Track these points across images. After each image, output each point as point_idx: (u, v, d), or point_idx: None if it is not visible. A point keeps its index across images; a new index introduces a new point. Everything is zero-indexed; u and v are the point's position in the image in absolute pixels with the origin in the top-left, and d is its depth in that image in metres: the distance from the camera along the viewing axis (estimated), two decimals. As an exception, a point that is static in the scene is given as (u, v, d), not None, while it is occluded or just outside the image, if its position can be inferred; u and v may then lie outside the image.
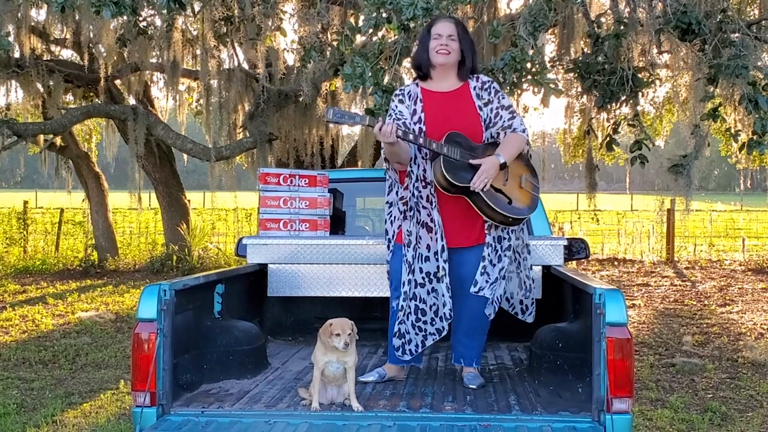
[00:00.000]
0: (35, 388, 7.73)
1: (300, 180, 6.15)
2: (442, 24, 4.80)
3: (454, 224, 4.70)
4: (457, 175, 4.49)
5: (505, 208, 4.59)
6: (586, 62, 9.16)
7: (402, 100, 4.81)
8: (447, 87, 4.80)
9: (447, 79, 4.80)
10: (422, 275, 4.67)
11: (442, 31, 4.75)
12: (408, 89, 4.86)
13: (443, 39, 4.73)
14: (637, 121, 9.68)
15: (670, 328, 10.84)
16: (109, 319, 11.36)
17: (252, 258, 5.83)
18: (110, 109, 15.05)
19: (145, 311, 3.92)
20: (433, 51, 4.74)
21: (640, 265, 18.65)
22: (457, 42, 4.75)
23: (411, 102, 4.78)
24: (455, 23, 4.84)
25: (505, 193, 4.62)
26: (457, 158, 4.51)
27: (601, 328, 3.72)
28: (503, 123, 4.73)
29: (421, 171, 4.67)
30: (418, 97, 4.78)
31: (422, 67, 4.84)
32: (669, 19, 7.92)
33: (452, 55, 4.74)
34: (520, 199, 4.69)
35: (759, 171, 20.05)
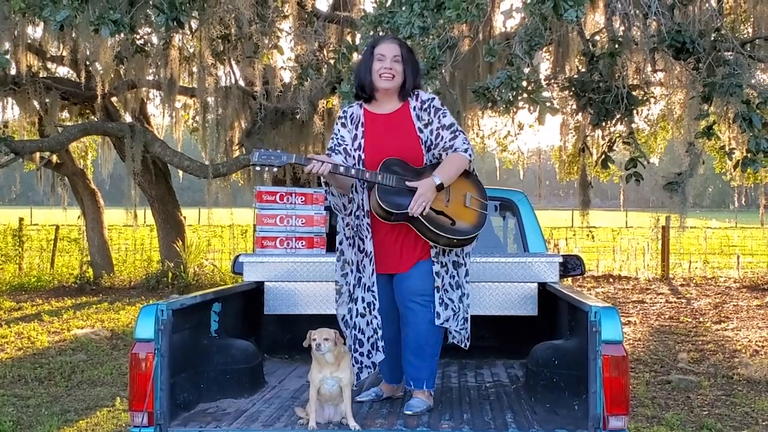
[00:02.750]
0: (31, 405, 7.71)
1: (296, 198, 6.17)
2: (387, 45, 4.65)
3: (394, 249, 4.61)
4: (394, 203, 4.37)
5: (448, 230, 4.43)
6: (581, 80, 9.21)
7: (344, 123, 4.70)
8: (389, 109, 4.67)
9: (390, 101, 4.68)
10: (363, 305, 4.62)
11: (387, 53, 4.60)
12: (351, 111, 4.74)
13: (387, 61, 4.58)
14: (632, 139, 9.71)
15: (665, 345, 10.84)
16: (105, 336, 11.33)
17: (249, 276, 5.83)
18: (107, 126, 15.07)
19: (142, 331, 3.92)
20: (377, 74, 4.59)
21: (635, 282, 18.66)
22: (401, 64, 4.60)
23: (353, 126, 4.68)
24: (399, 44, 4.69)
25: (447, 214, 4.46)
26: (392, 185, 4.39)
27: (596, 346, 3.73)
28: (444, 144, 4.56)
29: (360, 199, 4.59)
30: (360, 120, 4.68)
31: (365, 89, 4.68)
32: (663, 38, 7.96)
33: (396, 79, 4.60)
34: (464, 218, 4.51)
35: (753, 188, 20.11)
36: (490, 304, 5.68)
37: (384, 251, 4.62)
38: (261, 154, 4.41)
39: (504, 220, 7.23)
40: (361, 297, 4.63)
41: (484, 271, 5.66)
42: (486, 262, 5.68)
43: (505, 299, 5.66)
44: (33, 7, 7.95)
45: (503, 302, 5.66)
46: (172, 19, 7.66)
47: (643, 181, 9.44)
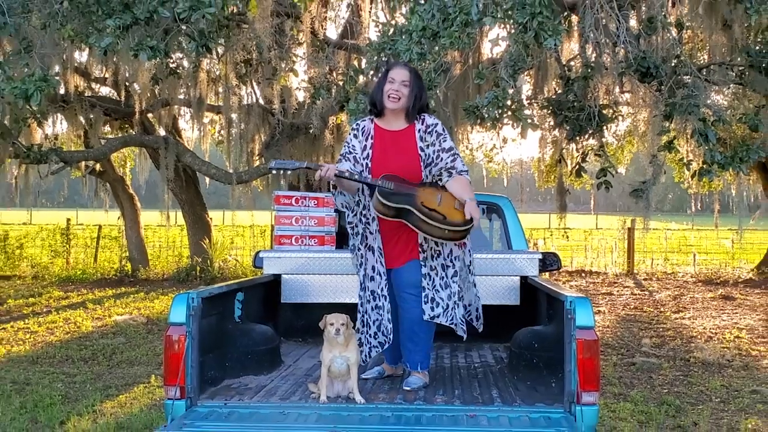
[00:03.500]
0: (77, 381, 7.72)
1: (309, 201, 6.17)
2: (398, 70, 4.64)
3: (389, 246, 4.62)
4: (392, 199, 4.38)
5: (441, 221, 4.38)
6: (558, 100, 9.23)
7: (356, 135, 4.70)
8: (396, 126, 4.66)
9: (397, 119, 4.67)
10: (369, 292, 4.64)
11: (397, 77, 4.59)
12: (363, 125, 4.74)
13: (396, 84, 4.58)
14: (602, 152, 9.73)
15: (630, 332, 10.84)
16: (141, 321, 11.34)
17: (268, 269, 5.83)
18: (144, 139, 15.11)
19: (175, 316, 3.93)
20: (386, 94, 4.59)
21: (604, 277, 18.65)
22: (408, 88, 4.59)
23: (363, 138, 4.67)
24: (410, 70, 4.68)
25: (438, 211, 4.42)
26: (391, 188, 4.41)
27: (571, 331, 3.73)
28: (445, 164, 4.55)
29: (366, 200, 4.60)
30: (370, 133, 4.68)
31: (376, 104, 4.69)
32: (630, 63, 7.98)
33: (402, 101, 4.58)
34: (454, 216, 4.44)
35: (708, 195, 20.10)
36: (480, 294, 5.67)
37: (383, 248, 4.63)
38: (277, 162, 4.53)
39: (490, 221, 7.23)
40: (367, 286, 4.65)
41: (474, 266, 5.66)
42: (475, 258, 5.68)
43: (491, 290, 5.66)
44: (80, 34, 7.96)
45: (490, 293, 5.66)
46: (202, 45, 7.68)
47: (611, 188, 9.47)
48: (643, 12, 9.04)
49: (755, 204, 20.96)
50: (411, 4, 7.33)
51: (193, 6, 7.04)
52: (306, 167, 4.54)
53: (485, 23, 6.69)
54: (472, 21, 6.64)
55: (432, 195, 4.45)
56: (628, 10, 8.39)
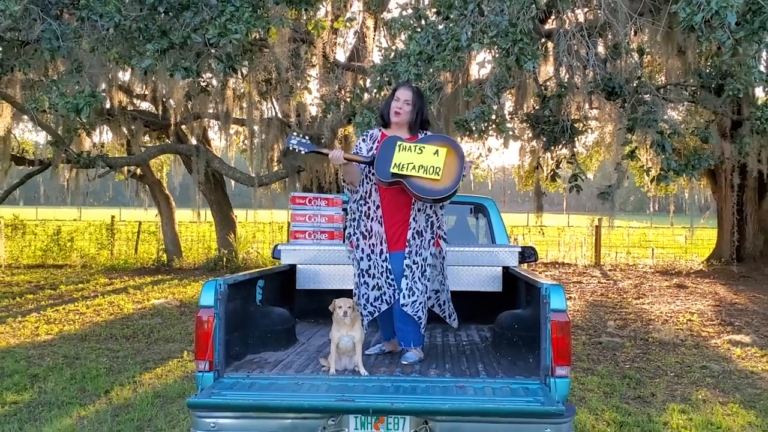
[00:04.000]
0: (120, 356, 7.72)
1: (321, 201, 6.16)
2: (402, 90, 4.69)
3: (387, 233, 4.60)
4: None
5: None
6: (536, 115, 9.22)
7: (365, 140, 4.75)
8: (401, 135, 4.67)
9: (401, 130, 4.69)
10: (359, 271, 4.65)
11: (401, 96, 4.64)
12: (371, 132, 4.79)
13: (400, 102, 4.63)
14: (574, 160, 9.71)
15: (597, 315, 10.83)
16: (176, 305, 11.34)
17: (285, 260, 5.83)
18: (179, 147, 15.10)
19: (205, 300, 3.92)
20: (392, 110, 4.65)
21: (574, 268, 18.64)
22: (410, 106, 4.63)
23: (371, 142, 4.71)
24: (413, 91, 4.70)
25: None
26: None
27: (546, 314, 3.73)
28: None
29: (364, 191, 4.63)
30: (377, 139, 4.71)
31: (384, 117, 4.77)
32: (598, 83, 7.98)
33: (403, 117, 4.63)
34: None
35: (664, 197, 20.10)
36: (466, 282, 5.68)
37: (376, 233, 4.61)
38: (295, 139, 4.52)
39: (477, 219, 7.23)
40: (360, 266, 4.65)
41: (461, 257, 5.67)
42: (463, 250, 5.69)
43: (477, 279, 5.66)
44: (124, 57, 7.96)
45: (476, 281, 5.66)
46: (229, 67, 7.68)
47: (581, 191, 9.45)
48: (609, 39, 9.03)
49: (705, 205, 20.97)
50: (409, 32, 7.32)
51: (221, 33, 7.04)
52: (318, 151, 4.59)
53: (473, 48, 6.69)
54: (462, 46, 6.64)
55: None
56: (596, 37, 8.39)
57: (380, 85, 7.19)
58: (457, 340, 5.25)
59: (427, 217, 4.66)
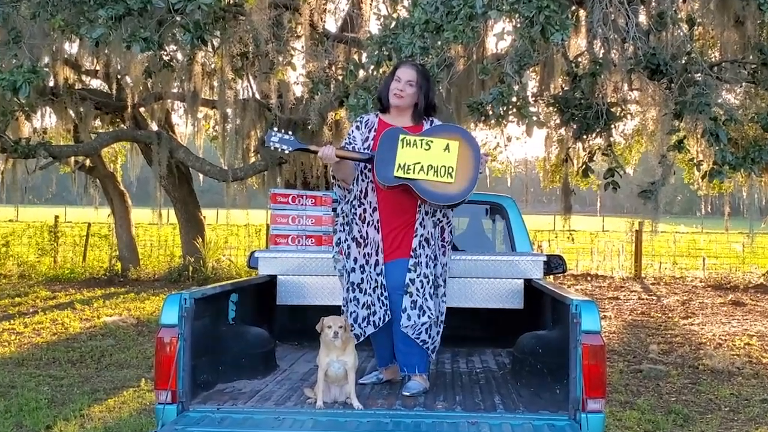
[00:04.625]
0: (64, 384, 7.72)
1: (307, 200, 6.17)
2: (405, 69, 4.71)
3: (385, 240, 4.61)
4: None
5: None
6: (565, 98, 9.21)
7: (359, 127, 4.78)
8: (401, 123, 4.70)
9: (402, 117, 4.72)
10: (348, 284, 4.67)
11: (403, 76, 4.66)
12: (367, 118, 4.83)
13: (401, 83, 4.64)
14: (610, 151, 9.71)
15: (637, 338, 10.84)
16: (131, 323, 11.34)
17: (263, 270, 5.84)
18: (137, 134, 15.09)
19: (167, 317, 3.93)
20: (391, 92, 4.67)
21: (610, 281, 18.65)
22: (414, 87, 4.64)
23: (366, 130, 4.74)
24: (417, 70, 4.72)
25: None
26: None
27: (577, 336, 3.73)
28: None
29: (359, 191, 4.65)
30: (374, 126, 4.73)
31: (382, 100, 4.78)
32: (639, 60, 7.97)
33: (405, 100, 4.65)
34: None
35: (718, 197, 20.08)
36: (481, 297, 5.68)
37: (372, 240, 4.62)
38: (276, 136, 4.52)
39: (493, 222, 7.24)
40: (349, 278, 4.66)
41: (475, 268, 5.67)
42: (477, 260, 5.69)
43: (494, 293, 5.67)
44: (71, 25, 7.95)
45: (493, 296, 5.67)
46: (197, 37, 7.67)
47: (619, 189, 9.44)
48: (653, 7, 9.03)
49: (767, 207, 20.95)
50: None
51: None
52: (305, 149, 4.60)
53: (490, 17, 6.68)
54: (477, 14, 6.63)
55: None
56: (637, 5, 8.38)
57: (378, 60, 7.18)
58: (469, 367, 5.25)
59: (436, 221, 4.67)
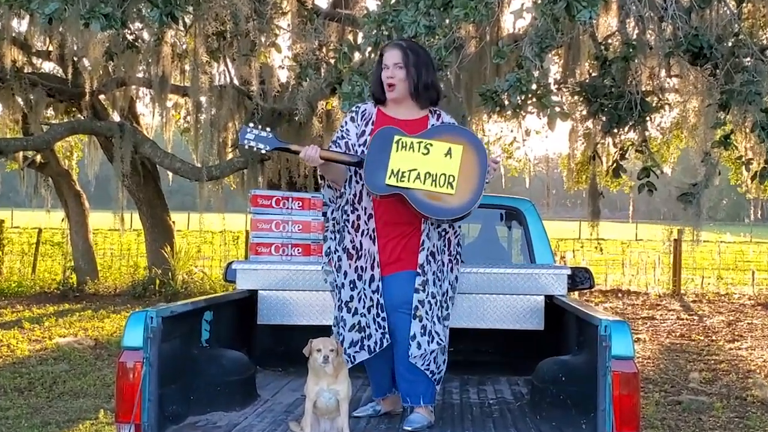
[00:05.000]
0: (10, 416, 7.69)
1: (293, 202, 6.17)
2: (389, 52, 4.69)
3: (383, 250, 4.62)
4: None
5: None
6: (593, 85, 9.22)
7: (353, 118, 4.77)
8: (406, 115, 4.70)
9: (404, 107, 4.71)
10: (339, 302, 4.67)
11: (389, 60, 4.64)
12: (364, 108, 4.81)
13: (390, 69, 4.63)
14: (645, 147, 9.71)
15: (676, 364, 10.83)
16: (88, 345, 11.32)
17: (242, 284, 5.83)
18: (96, 125, 15.06)
19: (130, 339, 3.92)
20: (385, 84, 4.66)
21: (645, 298, 18.66)
22: (403, 69, 4.61)
23: (362, 122, 4.72)
24: (401, 48, 4.68)
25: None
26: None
27: (606, 362, 3.73)
28: None
29: (351, 194, 4.65)
30: (371, 118, 4.73)
31: (375, 93, 4.78)
32: (680, 42, 7.97)
33: (398, 87, 4.63)
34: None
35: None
36: (494, 316, 5.68)
37: (366, 252, 4.62)
38: (251, 133, 4.53)
39: (509, 229, 7.24)
40: (341, 296, 4.66)
41: (488, 283, 5.67)
42: (490, 273, 5.68)
43: (510, 312, 5.66)
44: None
45: (508, 315, 5.66)
46: (166, 14, 7.66)
47: (655, 191, 9.44)
48: (695, -19, 9.05)
49: (827, 213, 20.95)
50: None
51: (157, -34, 7.04)
52: (285, 148, 4.60)
53: (507, -9, 6.70)
54: (491, -12, 6.64)
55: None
56: (677, -22, 8.39)
57: (377, 41, 7.17)
58: (481, 398, 5.25)
59: (442, 232, 4.66)
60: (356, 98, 6.78)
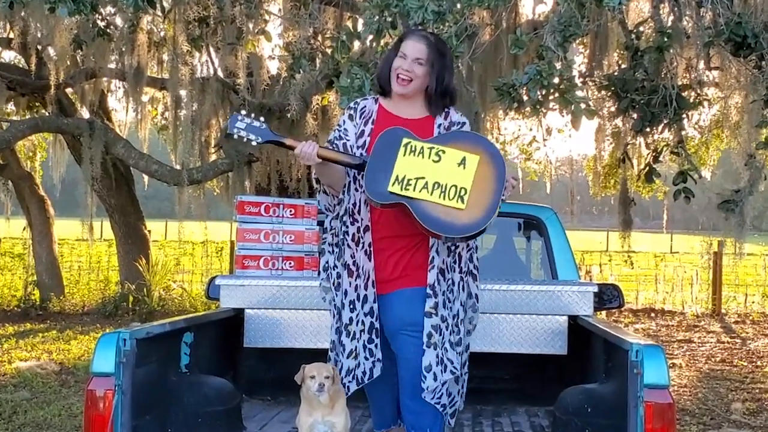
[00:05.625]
0: (-36, 451, 7.69)
1: (284, 210, 6.18)
2: (412, 42, 4.62)
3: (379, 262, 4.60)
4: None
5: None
6: (623, 78, 9.21)
7: (352, 116, 4.75)
8: (410, 114, 4.68)
9: (410, 105, 4.69)
10: (338, 323, 4.67)
11: (410, 52, 4.57)
12: (363, 104, 4.78)
13: (407, 61, 4.56)
14: (682, 148, 9.70)
15: (716, 393, 10.81)
16: (53, 370, 11.30)
17: (226, 302, 5.83)
18: (62, 122, 15.06)
19: (101, 364, 3.92)
20: (394, 73, 4.60)
21: (681, 318, 18.63)
22: (425, 67, 4.57)
23: (361, 120, 4.70)
24: (428, 44, 4.61)
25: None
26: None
27: (638, 391, 3.73)
28: None
29: (351, 204, 4.62)
30: (372, 116, 4.70)
31: (382, 84, 4.74)
32: (721, 30, 7.98)
33: (413, 84, 4.58)
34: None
35: (823, 209, 20.12)
36: (511, 339, 5.68)
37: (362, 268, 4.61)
38: (242, 121, 4.51)
39: (528, 240, 7.24)
40: (339, 314, 4.65)
41: (504, 301, 5.66)
42: (506, 290, 5.69)
43: (528, 334, 5.66)
44: (-23, -20, 7.98)
45: (527, 338, 5.66)
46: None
47: (693, 198, 9.43)
48: (738, -39, 9.07)
49: None
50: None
51: (132, -56, 7.07)
52: (279, 142, 4.58)
53: (525, -27, 6.71)
54: (508, -31, 6.66)
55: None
56: (718, -42, 8.41)
57: (379, 28, 7.19)
58: (496, 430, 5.25)
59: (453, 246, 4.62)
60: (356, 93, 6.78)
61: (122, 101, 17.91)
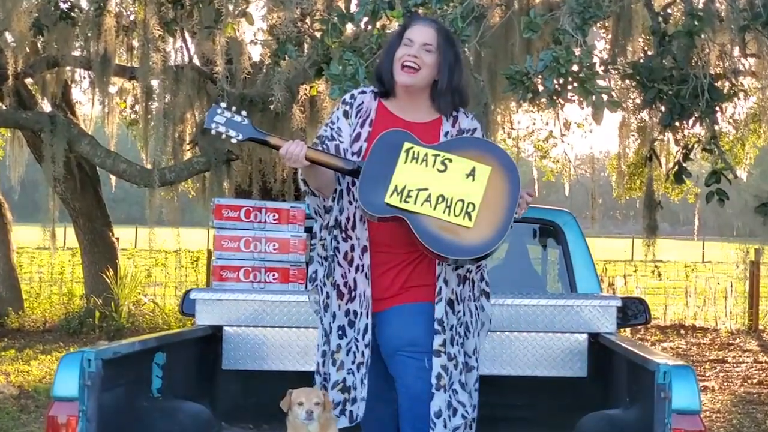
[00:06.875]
0: None
1: (267, 215, 6.16)
2: (419, 27, 4.54)
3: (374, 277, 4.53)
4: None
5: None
6: (649, 66, 9.23)
7: (347, 113, 4.63)
8: (415, 117, 4.58)
9: (416, 105, 4.59)
10: (325, 346, 4.66)
11: (416, 38, 4.46)
12: (361, 100, 4.66)
13: (414, 48, 4.45)
14: (715, 145, 9.72)
15: (752, 419, 10.81)
16: (10, 394, 11.29)
17: (202, 318, 5.82)
18: (21, 117, 15.05)
19: (63, 387, 3.92)
20: (398, 63, 4.48)
21: (714, 335, 18.64)
22: (434, 54, 4.47)
23: (357, 120, 4.59)
24: (437, 29, 4.55)
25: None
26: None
27: (665, 417, 3.74)
28: None
29: (344, 217, 4.54)
30: (370, 116, 4.60)
31: (384, 81, 4.61)
32: (758, 13, 8.00)
33: (421, 73, 4.47)
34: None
35: None
36: (525, 360, 5.69)
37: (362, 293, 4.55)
38: (221, 115, 4.46)
39: (544, 249, 7.24)
40: (327, 337, 4.64)
41: (517, 318, 5.67)
42: (520, 305, 5.69)
43: (544, 355, 5.67)
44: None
45: (542, 359, 5.67)
46: (109, -25, 7.68)
47: (727, 201, 9.44)
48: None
49: None
50: None
51: None
52: (263, 140, 4.51)
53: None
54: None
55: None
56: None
57: (375, 9, 7.20)
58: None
59: (465, 272, 4.57)
60: (348, 81, 6.78)
61: (87, 93, 17.92)
